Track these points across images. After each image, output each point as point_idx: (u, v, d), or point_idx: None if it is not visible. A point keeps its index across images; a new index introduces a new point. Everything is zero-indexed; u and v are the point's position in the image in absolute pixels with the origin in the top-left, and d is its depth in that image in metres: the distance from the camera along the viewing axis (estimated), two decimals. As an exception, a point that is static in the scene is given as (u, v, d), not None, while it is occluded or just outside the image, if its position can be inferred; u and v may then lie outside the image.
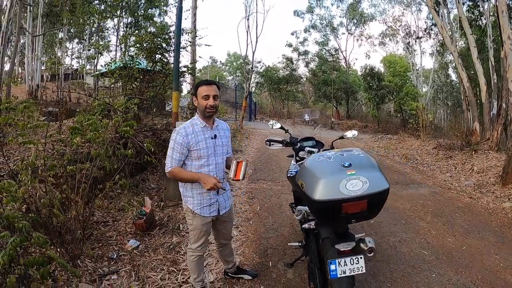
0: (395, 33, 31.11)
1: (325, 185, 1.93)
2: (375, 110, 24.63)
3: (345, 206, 1.89)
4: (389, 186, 1.96)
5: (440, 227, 4.22)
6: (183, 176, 2.30)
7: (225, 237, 2.69)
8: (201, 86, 2.33)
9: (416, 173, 7.65)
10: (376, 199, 1.94)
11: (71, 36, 23.46)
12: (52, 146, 4.44)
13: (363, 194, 1.87)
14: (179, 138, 2.28)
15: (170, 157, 2.31)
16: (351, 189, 1.87)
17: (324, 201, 1.91)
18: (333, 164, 2.05)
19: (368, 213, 1.98)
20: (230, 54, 53.70)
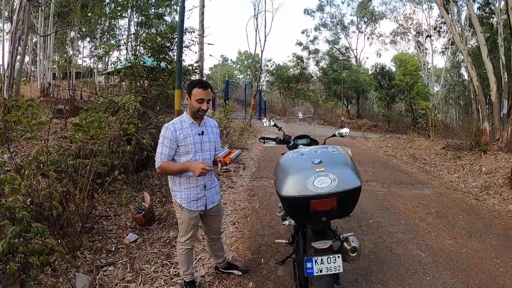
0: (406, 31, 30.73)
1: (292, 181, 1.93)
2: (386, 109, 24.40)
3: (313, 203, 1.88)
4: (361, 184, 1.93)
5: (441, 228, 4.16)
6: (173, 168, 2.37)
7: (214, 232, 2.76)
8: (196, 88, 2.37)
9: (423, 173, 7.58)
10: (346, 197, 1.91)
11: (83, 35, 23.91)
12: (58, 142, 4.57)
13: (331, 192, 1.84)
14: (168, 133, 2.37)
15: (159, 153, 2.39)
16: (319, 186, 1.85)
17: (291, 197, 1.91)
18: (304, 161, 2.05)
19: (339, 211, 1.95)
20: (241, 53, 53.80)
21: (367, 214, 4.61)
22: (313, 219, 2.03)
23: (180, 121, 2.45)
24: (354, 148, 11.43)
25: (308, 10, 33.36)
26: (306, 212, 1.92)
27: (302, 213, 1.99)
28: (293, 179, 1.94)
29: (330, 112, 32.55)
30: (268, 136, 3.30)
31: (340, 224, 4.19)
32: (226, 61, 56.91)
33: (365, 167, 7.99)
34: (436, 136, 11.94)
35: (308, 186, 1.86)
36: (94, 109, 5.30)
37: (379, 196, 5.48)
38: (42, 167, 3.22)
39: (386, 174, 7.21)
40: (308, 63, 33.47)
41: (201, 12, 12.25)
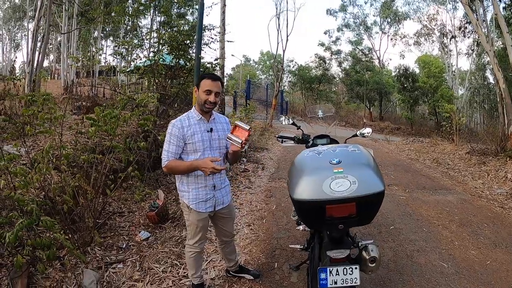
0: (430, 32, 29.82)
1: (306, 183, 1.72)
2: (409, 112, 23.81)
3: (329, 209, 1.68)
4: (384, 188, 1.70)
5: (465, 237, 3.91)
6: (180, 166, 2.24)
7: (226, 235, 2.63)
8: (205, 79, 2.27)
9: (446, 178, 7.26)
10: (366, 203, 1.69)
11: (106, 35, 24.46)
12: (75, 138, 4.59)
13: (350, 196, 1.62)
14: (174, 131, 2.24)
15: (166, 150, 2.27)
16: (336, 189, 1.63)
17: (304, 201, 1.71)
18: (320, 160, 1.84)
19: (358, 218, 1.74)
20: (263, 53, 53.82)
21: (388, 219, 4.41)
22: (329, 226, 1.83)
23: (187, 117, 2.32)
24: (376, 151, 11.13)
25: (331, 11, 32.98)
26: (321, 218, 1.73)
27: (316, 219, 1.79)
28: (307, 181, 1.73)
29: (352, 114, 32.05)
30: (286, 135, 3.13)
31: (359, 229, 4.00)
32: (248, 61, 57.15)
33: (387, 170, 7.75)
34: (460, 140, 11.49)
35: (324, 189, 1.65)
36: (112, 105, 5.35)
37: (401, 201, 5.26)
38: (55, 161, 3.22)
39: (408, 178, 6.95)
40: (331, 64, 33.10)
41: (222, 11, 12.23)
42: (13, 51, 35.45)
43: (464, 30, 20.79)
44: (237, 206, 4.82)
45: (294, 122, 3.29)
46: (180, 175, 2.34)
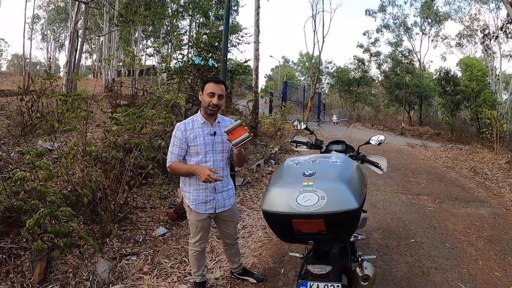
0: (472, 33, 28.02)
1: (275, 194, 1.66)
2: (449, 117, 22.63)
3: (296, 223, 1.59)
4: (359, 206, 1.57)
5: (491, 256, 3.61)
6: (181, 169, 2.34)
7: (228, 237, 2.66)
8: (209, 82, 2.36)
9: (481, 189, 6.81)
10: (336, 221, 1.56)
11: (147, 35, 25.51)
12: (104, 135, 4.86)
13: (316, 212, 1.51)
14: (178, 133, 2.35)
15: (170, 152, 2.38)
16: (303, 203, 1.54)
17: (270, 212, 1.64)
18: (295, 171, 1.77)
19: (330, 235, 1.61)
20: (302, 54, 53.46)
21: (409, 231, 4.20)
22: (299, 240, 1.75)
23: (192, 121, 2.42)
24: (411, 158, 10.73)
25: (370, 11, 32.09)
26: (290, 232, 1.63)
27: (285, 233, 1.72)
28: (276, 192, 1.67)
29: (390, 118, 31.01)
30: (300, 140, 3.10)
31: (377, 241, 3.86)
32: (288, 62, 57.06)
33: (419, 178, 7.40)
34: (501, 148, 10.72)
35: (290, 203, 1.57)
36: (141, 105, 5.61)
37: (427, 212, 5.01)
38: (82, 157, 3.44)
39: (440, 188, 6.61)
40: (370, 66, 32.28)
41: (257, 13, 12.30)
42: (57, 50, 38.10)
43: (506, 31, 19.39)
44: (256, 208, 4.85)
45: (307, 127, 3.26)
46: (183, 176, 2.43)
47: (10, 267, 2.66)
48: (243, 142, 2.19)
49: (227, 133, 2.19)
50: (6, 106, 6.56)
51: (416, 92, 26.76)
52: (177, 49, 7.29)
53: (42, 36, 36.80)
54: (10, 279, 2.57)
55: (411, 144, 15.22)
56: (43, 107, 5.01)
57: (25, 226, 2.68)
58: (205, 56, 6.92)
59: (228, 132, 2.18)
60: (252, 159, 7.42)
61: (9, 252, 2.79)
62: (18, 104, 4.96)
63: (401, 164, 9.06)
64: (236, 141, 2.18)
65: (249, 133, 2.20)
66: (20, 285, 2.54)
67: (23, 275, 2.63)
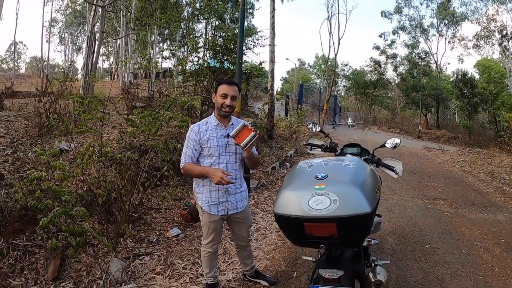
0: (490, 34, 27.26)
1: (287, 197, 1.65)
2: (467, 120, 22.13)
3: (307, 227, 1.56)
4: (371, 210, 1.53)
5: (508, 264, 3.51)
6: (194, 170, 2.36)
7: (241, 239, 2.66)
8: (222, 84, 2.38)
9: (499, 194, 6.62)
10: (348, 225, 1.53)
11: (164, 38, 25.82)
12: (120, 136, 4.94)
13: (328, 216, 1.49)
14: (192, 135, 2.37)
15: (183, 153, 2.41)
16: (315, 207, 1.52)
17: (281, 215, 1.63)
18: (307, 174, 1.74)
19: (342, 240, 1.58)
20: (318, 57, 53.16)
21: (425, 237, 4.12)
22: (311, 244, 1.72)
23: (205, 123, 2.43)
24: (427, 161, 10.54)
25: (385, 13, 31.60)
26: (302, 235, 1.61)
27: (297, 236, 1.68)
28: (287, 195, 1.66)
29: (407, 121, 30.48)
30: (315, 143, 3.09)
31: (392, 246, 3.80)
32: (304, 65, 56.82)
33: (436, 183, 7.26)
34: (518, 152, 10.43)
35: (302, 206, 1.54)
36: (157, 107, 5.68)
37: (443, 218, 4.90)
38: (98, 158, 3.51)
39: (457, 193, 6.46)
40: (386, 68, 31.78)
41: (272, 16, 12.32)
42: (75, 53, 39.04)
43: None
44: (270, 211, 4.82)
45: (322, 130, 3.25)
46: (196, 177, 2.45)
47: (24, 264, 2.73)
48: (251, 142, 2.19)
49: (234, 137, 2.21)
50: (24, 107, 6.74)
51: (433, 94, 26.21)
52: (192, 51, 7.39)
53: (60, 39, 37.88)
54: (24, 275, 2.63)
55: (428, 148, 14.94)
56: (60, 108, 5.14)
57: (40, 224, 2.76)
58: (221, 58, 6.95)
59: (235, 136, 2.20)
60: (267, 162, 7.41)
61: (24, 249, 2.85)
62: (36, 106, 5.11)
63: (417, 168, 8.89)
64: (244, 142, 2.18)
65: (255, 132, 2.20)
66: (34, 281, 2.60)
67: (37, 272, 2.69)
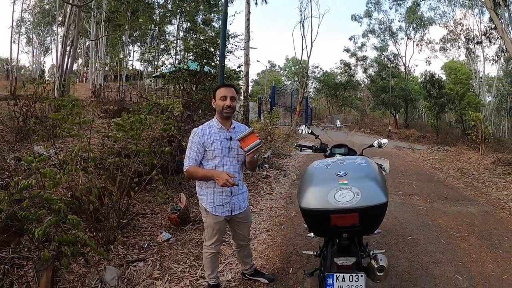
0: (456, 37, 29.01)
1: (313, 193, 1.85)
2: (435, 120, 23.26)
3: (333, 218, 1.78)
4: (387, 200, 1.78)
5: (483, 250, 3.81)
6: (198, 173, 2.38)
7: (242, 239, 2.72)
8: (219, 88, 2.46)
9: (469, 189, 7.06)
10: (369, 214, 1.78)
11: (134, 40, 25.29)
12: (101, 141, 4.82)
13: (353, 207, 1.72)
14: (195, 138, 2.40)
15: (187, 157, 2.43)
16: (340, 200, 1.74)
17: (310, 209, 1.84)
18: (328, 172, 1.96)
19: (362, 228, 1.82)
20: (289, 59, 53.75)
21: (406, 230, 4.35)
22: (334, 234, 1.94)
23: (208, 126, 2.47)
24: (399, 160, 11.00)
25: (356, 16, 32.76)
26: (326, 226, 1.84)
27: (321, 227, 1.91)
28: (314, 191, 1.86)
29: (377, 121, 31.64)
30: (305, 144, 3.21)
31: (377, 239, 3.99)
32: (274, 67, 57.25)
33: (409, 180, 7.62)
34: (486, 149, 11.14)
35: (329, 199, 1.77)
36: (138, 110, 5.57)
37: (420, 212, 5.18)
38: (83, 163, 3.41)
39: (430, 188, 6.82)
40: (356, 70, 33.00)
41: (247, 18, 12.40)
42: (42, 54, 37.28)
43: (489, 36, 20.14)
44: (256, 212, 4.90)
45: (312, 132, 3.36)
46: (199, 180, 2.47)
47: (13, 278, 2.59)
48: (255, 148, 2.30)
49: (239, 140, 2.29)
50: (-6, 110, 6.38)
51: (401, 95, 27.38)
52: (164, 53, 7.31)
53: (27, 40, 36.02)
54: (15, 290, 2.51)
55: (398, 147, 15.58)
56: (39, 112, 4.93)
57: (27, 235, 2.64)
58: (201, 62, 6.91)
59: (241, 139, 2.29)
60: (245, 165, 7.46)
61: (11, 262, 2.73)
62: (13, 109, 4.87)
63: (391, 166, 9.19)
64: (248, 147, 2.29)
65: (260, 140, 2.33)
66: (26, 296, 2.50)
67: (28, 286, 2.57)
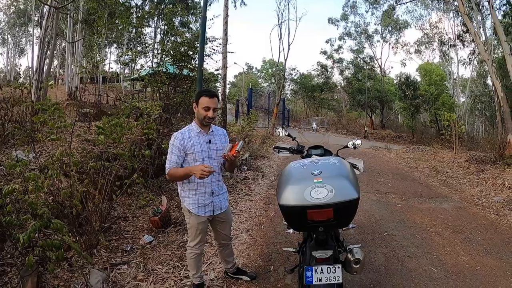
0: (431, 40, 30.14)
1: (290, 190, 1.98)
2: (410, 120, 23.95)
3: (310, 213, 1.91)
4: (358, 196, 1.95)
5: (457, 244, 4.02)
6: (178, 173, 2.45)
7: (224, 238, 2.81)
8: (203, 96, 2.49)
9: (444, 186, 7.37)
10: (342, 209, 1.92)
11: (110, 42, 24.81)
12: (81, 145, 4.78)
13: (327, 202, 1.86)
14: (176, 142, 2.48)
15: (168, 160, 2.50)
16: (315, 196, 1.88)
17: (288, 206, 1.96)
18: (304, 172, 2.10)
19: (336, 222, 1.97)
20: (266, 61, 53.95)
21: (382, 226, 4.54)
22: (311, 228, 2.06)
23: (188, 130, 2.55)
24: (375, 159, 11.28)
25: (332, 19, 33.27)
26: (303, 221, 1.96)
27: (299, 222, 2.03)
28: (291, 189, 1.99)
29: (353, 122, 32.18)
30: (282, 146, 3.33)
31: (354, 236, 4.15)
32: (251, 69, 57.16)
33: (385, 179, 7.86)
34: (460, 148, 11.63)
35: (305, 196, 1.90)
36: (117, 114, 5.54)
37: (396, 209, 5.39)
38: (65, 168, 3.40)
39: (405, 187, 7.07)
40: (333, 72, 33.46)
41: (225, 22, 12.44)
42: (17, 56, 35.97)
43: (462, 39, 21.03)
44: (236, 213, 4.98)
45: (289, 134, 3.49)
46: (181, 182, 2.55)
47: (-3, 285, 2.59)
48: (242, 148, 2.47)
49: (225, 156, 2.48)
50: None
51: (377, 97, 28.03)
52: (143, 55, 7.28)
53: (1, 41, 34.68)
54: (-1, 297, 2.51)
55: (374, 147, 15.95)
56: (18, 115, 4.83)
57: (10, 240, 2.61)
58: (180, 65, 6.94)
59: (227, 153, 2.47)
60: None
61: (-6, 269, 2.71)
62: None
63: (367, 166, 9.39)
64: (238, 148, 2.46)
65: (242, 140, 2.53)
66: (12, 302, 2.48)
67: (13, 292, 2.56)
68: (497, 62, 13.99)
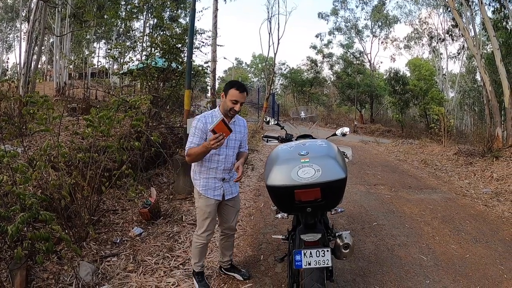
0: (420, 36, 30.39)
1: (277, 171, 1.96)
2: (399, 115, 24.20)
3: (297, 193, 1.89)
4: (346, 176, 1.93)
5: (446, 233, 4.08)
6: (196, 151, 2.38)
7: (228, 227, 2.77)
8: (234, 89, 2.45)
9: (433, 178, 7.48)
10: (330, 188, 1.90)
11: (99, 37, 24.46)
12: (70, 138, 4.72)
13: (314, 182, 1.85)
14: (199, 125, 2.48)
15: (189, 141, 2.49)
16: (302, 176, 1.87)
17: (275, 186, 1.94)
18: (291, 152, 2.10)
19: (324, 202, 1.94)
20: (255, 56, 53.82)
21: (371, 216, 4.60)
22: (299, 209, 2.04)
23: (211, 115, 2.55)
24: (365, 153, 11.40)
25: (322, 14, 33.31)
26: (291, 202, 1.94)
27: (287, 203, 2.00)
28: (278, 169, 1.97)
29: (343, 116, 32.41)
30: (271, 135, 3.33)
31: (343, 225, 4.21)
32: (241, 64, 56.96)
33: (375, 171, 7.95)
34: (448, 141, 11.79)
35: (292, 176, 1.88)
36: (106, 107, 5.49)
37: (385, 200, 5.46)
38: (53, 160, 3.36)
39: (395, 179, 7.17)
40: (322, 67, 33.49)
41: (215, 15, 12.39)
42: (5, 52, 35.22)
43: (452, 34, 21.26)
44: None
45: (278, 123, 3.50)
46: (194, 165, 2.59)
47: (-15, 279, 2.55)
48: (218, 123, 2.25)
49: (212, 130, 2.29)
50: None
51: (367, 91, 28.27)
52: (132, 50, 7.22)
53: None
54: (-12, 291, 2.47)
55: (364, 141, 16.11)
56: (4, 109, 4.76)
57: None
58: (169, 57, 6.88)
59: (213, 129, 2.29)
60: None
61: (-20, 263, 2.67)
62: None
63: (356, 159, 9.56)
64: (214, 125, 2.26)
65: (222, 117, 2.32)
66: (2, 296, 2.45)
67: (2, 286, 2.52)
68: (486, 58, 14.21)
